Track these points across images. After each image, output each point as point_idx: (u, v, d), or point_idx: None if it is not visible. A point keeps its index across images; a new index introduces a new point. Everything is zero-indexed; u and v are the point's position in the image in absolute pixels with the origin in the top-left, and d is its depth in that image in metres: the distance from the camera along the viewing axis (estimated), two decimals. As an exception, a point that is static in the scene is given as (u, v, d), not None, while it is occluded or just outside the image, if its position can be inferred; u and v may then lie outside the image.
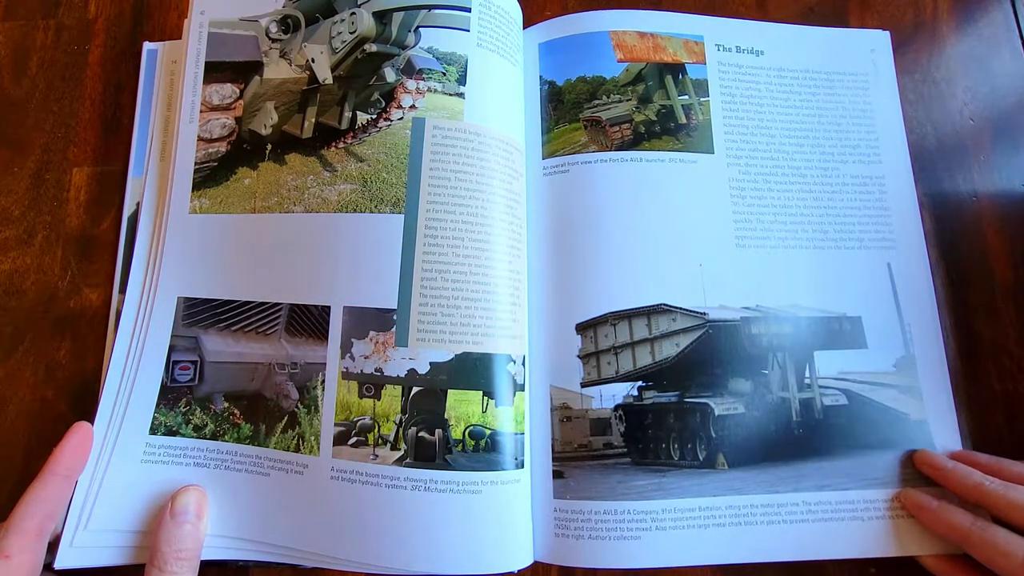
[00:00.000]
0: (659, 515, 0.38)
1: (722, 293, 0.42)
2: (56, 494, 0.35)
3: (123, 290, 0.41)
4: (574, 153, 0.44)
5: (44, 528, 0.33)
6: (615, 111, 0.45)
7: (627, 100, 0.45)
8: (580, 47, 0.46)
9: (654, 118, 0.45)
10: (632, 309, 0.41)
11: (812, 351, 0.41)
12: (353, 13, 0.42)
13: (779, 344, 0.41)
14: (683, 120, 0.45)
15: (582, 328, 0.41)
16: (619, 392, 0.41)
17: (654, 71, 0.46)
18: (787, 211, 0.44)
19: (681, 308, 0.41)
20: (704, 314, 0.41)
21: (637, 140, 0.44)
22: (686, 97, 0.46)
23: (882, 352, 0.41)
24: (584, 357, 0.41)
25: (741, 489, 0.39)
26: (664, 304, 0.41)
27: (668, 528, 0.38)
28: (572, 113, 0.45)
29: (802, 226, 0.43)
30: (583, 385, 0.41)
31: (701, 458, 0.40)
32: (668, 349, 0.41)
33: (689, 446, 0.40)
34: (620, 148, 0.44)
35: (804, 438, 0.40)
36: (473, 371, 0.37)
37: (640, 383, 0.42)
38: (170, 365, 0.39)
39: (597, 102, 0.45)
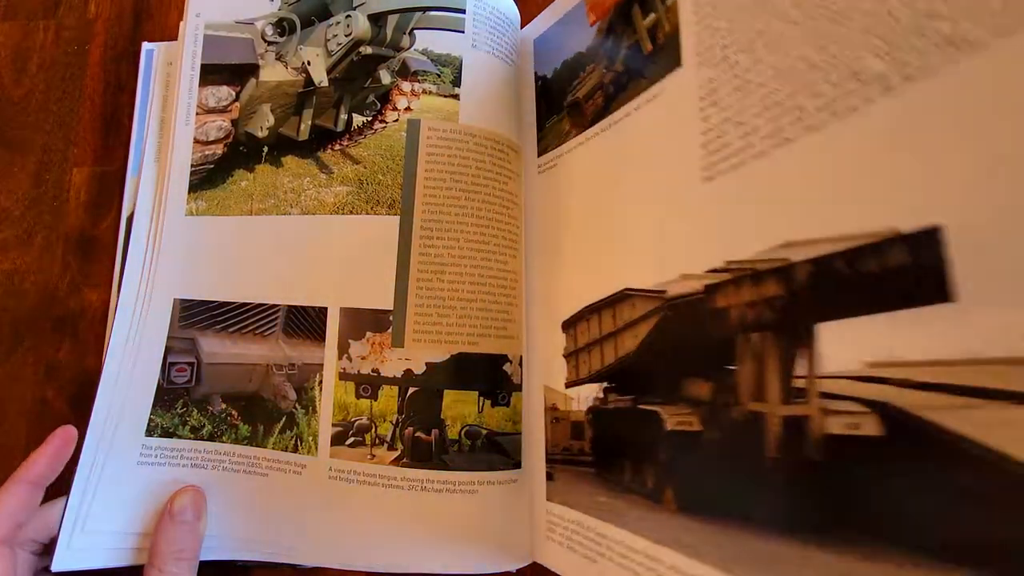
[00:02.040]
0: (612, 544, 0.31)
1: (683, 257, 0.30)
2: (24, 503, 0.34)
3: (122, 290, 0.42)
4: (560, 145, 0.42)
5: (13, 537, 0.33)
6: (588, 84, 0.41)
7: (598, 66, 0.40)
8: (563, 30, 0.43)
9: (621, 69, 0.38)
10: (600, 300, 0.36)
11: (814, 322, 0.23)
12: (348, 16, 0.42)
13: (755, 318, 0.25)
14: (648, 47, 0.36)
15: (566, 325, 0.39)
16: (589, 394, 0.36)
17: (621, 12, 0.39)
18: (794, 72, 0.26)
19: (639, 291, 0.32)
20: (662, 292, 0.30)
21: (608, 103, 0.39)
22: (652, 15, 0.36)
23: (993, 307, 0.19)
24: (567, 356, 0.39)
25: (693, 547, 0.26)
26: (627, 289, 0.33)
27: (616, 561, 0.30)
28: (558, 103, 0.43)
29: (820, 86, 0.25)
30: (566, 385, 0.39)
31: (649, 485, 0.30)
32: (628, 342, 0.32)
33: (641, 466, 0.31)
34: (595, 120, 0.39)
35: (790, 487, 0.23)
36: (469, 371, 0.37)
37: (606, 384, 0.35)
38: (166, 367, 0.39)
39: (576, 82, 0.42)
